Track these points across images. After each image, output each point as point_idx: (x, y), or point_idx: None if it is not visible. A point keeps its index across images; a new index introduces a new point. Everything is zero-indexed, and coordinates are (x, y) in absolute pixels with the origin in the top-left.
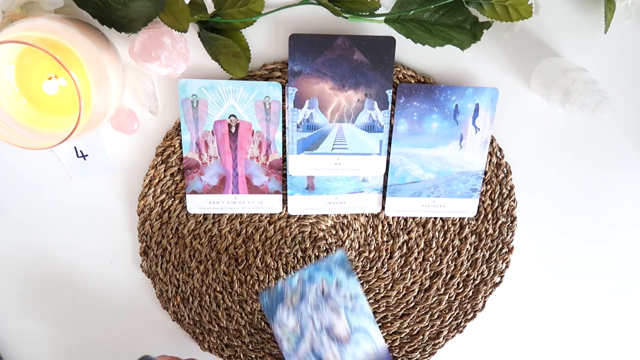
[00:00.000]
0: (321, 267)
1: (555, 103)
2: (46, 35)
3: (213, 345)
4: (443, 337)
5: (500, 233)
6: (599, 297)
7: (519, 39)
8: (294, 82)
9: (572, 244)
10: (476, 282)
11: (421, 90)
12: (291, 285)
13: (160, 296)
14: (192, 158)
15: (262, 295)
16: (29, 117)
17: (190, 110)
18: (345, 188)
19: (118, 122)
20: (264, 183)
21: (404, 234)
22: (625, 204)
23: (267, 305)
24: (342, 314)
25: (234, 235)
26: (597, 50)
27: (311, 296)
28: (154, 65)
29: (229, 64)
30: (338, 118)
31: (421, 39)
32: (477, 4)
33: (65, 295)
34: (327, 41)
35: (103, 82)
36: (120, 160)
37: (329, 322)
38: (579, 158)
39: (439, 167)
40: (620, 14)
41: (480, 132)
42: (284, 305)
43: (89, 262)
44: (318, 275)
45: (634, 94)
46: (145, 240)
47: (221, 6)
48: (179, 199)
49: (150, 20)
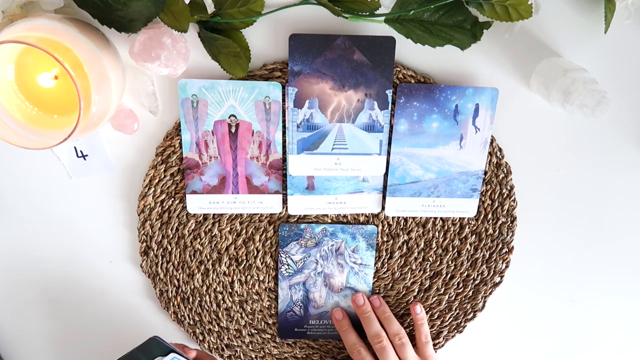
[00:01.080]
0: (348, 230)
1: (555, 103)
2: (46, 35)
3: (213, 345)
4: (443, 337)
5: (500, 233)
6: (598, 297)
7: (519, 39)
8: (294, 82)
9: (572, 244)
10: (476, 282)
11: (421, 90)
12: (313, 231)
13: (160, 296)
14: (192, 158)
15: (283, 226)
16: (28, 117)
17: (190, 110)
18: (345, 188)
19: (118, 122)
20: (264, 183)
21: (404, 234)
22: (625, 204)
23: (283, 236)
24: (345, 272)
25: (234, 235)
26: (597, 50)
27: (326, 247)
28: (154, 65)
29: (229, 64)
30: (338, 118)
31: (421, 39)
32: (477, 4)
33: (66, 295)
34: (327, 41)
35: (103, 82)
36: (120, 160)
37: (330, 271)
38: (579, 158)
39: (439, 167)
40: (620, 14)
41: (480, 132)
42: (298, 243)
43: (89, 262)
44: (341, 236)
45: (634, 94)
46: (145, 240)
47: (221, 6)
48: (179, 199)
49: (150, 20)
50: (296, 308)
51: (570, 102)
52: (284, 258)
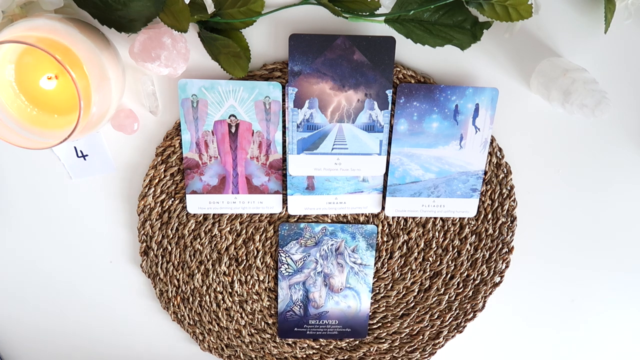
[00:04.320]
0: (348, 230)
1: (555, 103)
2: (46, 35)
3: (213, 345)
4: (443, 337)
5: (500, 233)
6: (598, 297)
7: (519, 39)
8: (294, 82)
9: (572, 244)
10: (476, 282)
11: (421, 90)
12: (312, 230)
13: (160, 296)
14: (192, 158)
15: (283, 225)
16: (29, 117)
17: (190, 110)
18: (345, 188)
19: (118, 122)
20: (264, 183)
21: (404, 234)
22: (625, 204)
23: (283, 235)
24: (345, 272)
25: (234, 235)
26: (597, 50)
27: (325, 247)
28: (154, 65)
29: (229, 64)
30: (338, 118)
31: (421, 39)
32: (477, 4)
33: (65, 295)
34: (327, 41)
35: (103, 82)
36: (120, 160)
37: (330, 271)
38: (579, 158)
39: (439, 167)
40: (620, 14)
41: (480, 132)
42: (298, 242)
43: (89, 262)
44: (341, 235)
45: (634, 94)
46: (145, 240)
47: (221, 6)
48: (179, 199)
49: (150, 20)
50: (296, 308)
51: (570, 102)
52: (283, 257)
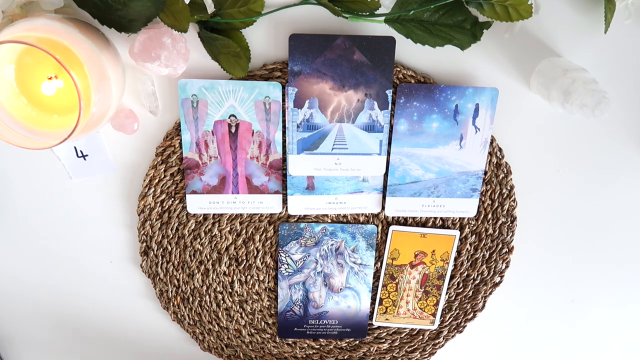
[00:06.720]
0: (348, 230)
1: (555, 103)
2: (46, 35)
3: (213, 345)
4: (443, 337)
5: (500, 233)
6: (598, 297)
7: (519, 39)
8: (294, 82)
9: (572, 244)
10: (476, 282)
11: (421, 90)
12: (312, 230)
13: (160, 296)
14: (192, 158)
15: (283, 225)
16: (29, 117)
17: (190, 110)
18: (345, 188)
19: (118, 122)
20: (264, 183)
21: None
22: (625, 204)
23: (283, 235)
24: (345, 272)
25: (234, 235)
26: (597, 50)
27: (325, 247)
28: (154, 65)
29: (229, 64)
30: (338, 118)
31: (421, 39)
32: (477, 4)
33: (65, 295)
34: (327, 41)
35: (103, 82)
36: (120, 160)
37: (330, 271)
38: (579, 158)
39: (439, 167)
40: (620, 14)
41: (480, 132)
42: (298, 242)
43: (89, 262)
44: (341, 235)
45: (634, 94)
46: (145, 240)
47: (221, 6)
48: (179, 199)
49: (150, 20)
50: (296, 308)
51: (570, 102)
52: (283, 257)
